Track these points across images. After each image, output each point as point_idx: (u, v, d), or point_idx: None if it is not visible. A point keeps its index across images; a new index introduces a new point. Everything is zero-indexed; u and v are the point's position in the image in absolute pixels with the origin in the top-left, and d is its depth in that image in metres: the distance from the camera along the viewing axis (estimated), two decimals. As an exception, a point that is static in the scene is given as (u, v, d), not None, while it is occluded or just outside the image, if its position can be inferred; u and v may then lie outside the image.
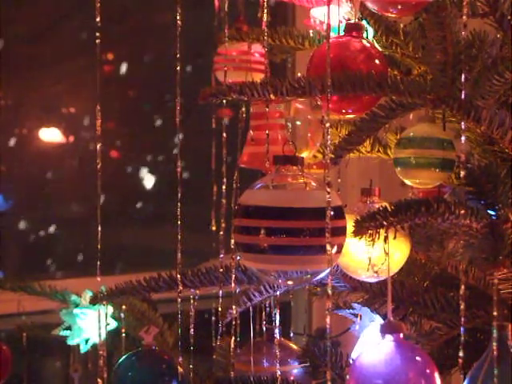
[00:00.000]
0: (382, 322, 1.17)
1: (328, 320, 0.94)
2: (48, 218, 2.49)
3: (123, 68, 2.60)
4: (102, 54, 1.15)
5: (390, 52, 1.28)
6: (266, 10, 1.12)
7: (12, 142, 2.37)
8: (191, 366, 1.32)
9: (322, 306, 1.10)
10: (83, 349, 1.56)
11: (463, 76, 1.06)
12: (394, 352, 1.00)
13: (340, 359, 1.25)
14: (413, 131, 1.15)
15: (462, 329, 1.05)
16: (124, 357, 1.33)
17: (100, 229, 1.19)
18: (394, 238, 1.03)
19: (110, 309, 1.54)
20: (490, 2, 1.19)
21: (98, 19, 1.14)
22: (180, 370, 1.29)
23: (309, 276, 1.01)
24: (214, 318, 1.46)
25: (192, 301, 1.30)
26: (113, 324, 1.55)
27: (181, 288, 1.24)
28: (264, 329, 1.39)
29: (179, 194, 1.20)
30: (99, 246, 1.19)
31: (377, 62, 1.11)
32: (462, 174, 1.06)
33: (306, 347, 1.32)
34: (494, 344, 1.03)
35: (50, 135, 2.45)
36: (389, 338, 1.02)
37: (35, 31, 2.44)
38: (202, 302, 1.33)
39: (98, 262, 1.19)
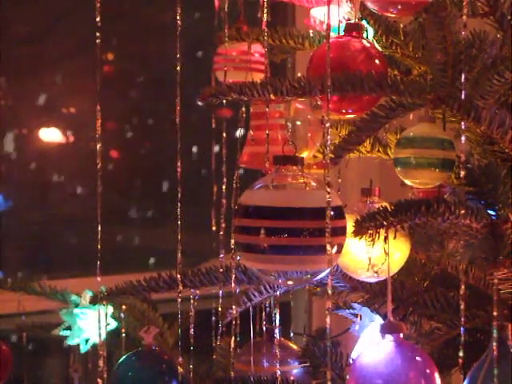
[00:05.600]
0: (381, 321, 1.17)
1: (328, 320, 0.94)
2: (48, 218, 2.49)
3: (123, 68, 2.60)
4: (101, 54, 1.15)
5: (389, 52, 1.28)
6: (266, 10, 1.12)
7: (12, 142, 2.37)
8: (191, 366, 1.32)
9: (321, 306, 1.10)
10: (83, 349, 1.56)
11: (463, 76, 1.06)
12: (394, 352, 1.00)
13: (340, 359, 1.25)
14: (413, 131, 1.15)
15: (462, 329, 1.05)
16: (124, 357, 1.34)
17: (100, 229, 1.19)
18: (394, 238, 1.03)
19: (110, 309, 1.54)
20: (490, 2, 1.19)
21: (98, 19, 1.14)
22: (180, 369, 1.29)
23: (309, 276, 1.01)
24: (214, 318, 1.46)
25: (192, 301, 1.30)
26: (113, 324, 1.55)
27: (181, 288, 1.24)
28: (264, 329, 1.39)
29: (179, 194, 1.20)
30: (99, 246, 1.19)
31: (377, 62, 1.11)
32: (462, 173, 1.06)
33: (306, 347, 1.32)
34: (494, 344, 1.03)
35: (50, 135, 2.45)
36: (389, 338, 1.02)
37: (35, 31, 2.44)
38: (202, 302, 1.33)
39: (98, 262, 1.19)
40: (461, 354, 1.04)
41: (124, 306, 1.53)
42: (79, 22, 2.39)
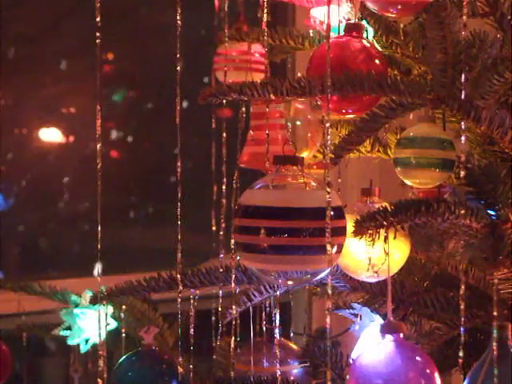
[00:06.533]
0: (381, 321, 1.17)
1: (328, 320, 0.94)
2: (48, 218, 2.49)
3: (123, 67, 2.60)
4: (101, 54, 1.14)
5: (389, 52, 1.28)
6: (266, 10, 1.12)
7: (12, 142, 2.37)
8: (191, 366, 1.32)
9: (321, 306, 1.11)
10: (83, 349, 1.56)
11: (463, 76, 1.06)
12: (394, 352, 1.00)
13: (340, 359, 1.25)
14: (413, 131, 1.15)
15: (462, 329, 1.05)
16: (124, 357, 1.33)
17: (100, 229, 1.19)
18: (394, 238, 1.03)
19: (110, 309, 1.54)
20: (490, 2, 1.19)
21: (98, 19, 1.14)
22: (180, 369, 1.29)
23: (309, 276, 1.01)
24: (214, 318, 1.46)
25: (192, 301, 1.30)
26: (113, 324, 1.55)
27: (181, 288, 1.24)
28: (264, 329, 1.39)
29: (179, 194, 1.20)
30: (99, 246, 1.19)
31: (377, 62, 1.11)
32: (462, 174, 1.06)
33: (306, 347, 1.32)
34: (494, 344, 1.03)
35: (50, 135, 2.45)
36: (389, 338, 1.02)
37: (35, 31, 2.44)
38: (202, 302, 1.33)
39: (98, 262, 1.19)
40: (461, 354, 1.04)
41: (124, 306, 1.53)
42: (79, 22, 2.39)
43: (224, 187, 1.39)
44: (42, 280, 1.63)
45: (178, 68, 1.19)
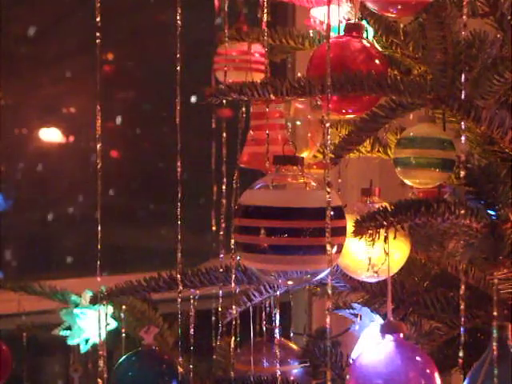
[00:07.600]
0: (381, 321, 1.17)
1: (328, 320, 0.94)
2: (48, 218, 2.49)
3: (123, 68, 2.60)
4: (101, 54, 1.15)
5: (389, 52, 1.28)
6: (266, 10, 1.12)
7: (12, 142, 2.37)
8: (191, 366, 1.32)
9: (321, 306, 1.11)
10: (83, 349, 1.56)
11: (463, 76, 1.06)
12: (394, 352, 1.00)
13: (340, 359, 1.25)
14: (413, 131, 1.15)
15: (462, 329, 1.05)
16: (124, 357, 1.34)
17: (100, 229, 1.19)
18: (394, 238, 1.03)
19: (110, 309, 1.54)
20: (490, 2, 1.19)
21: (98, 19, 1.14)
22: (180, 369, 1.29)
23: (309, 276, 1.01)
24: (214, 318, 1.46)
25: (192, 301, 1.30)
26: (113, 324, 1.55)
27: (181, 288, 1.24)
28: (264, 329, 1.39)
29: (179, 194, 1.20)
30: (99, 246, 1.19)
31: (377, 62, 1.11)
32: (462, 174, 1.06)
33: (306, 347, 1.32)
34: (494, 344, 1.03)
35: (50, 135, 2.45)
36: (389, 338, 1.02)
37: (35, 31, 2.44)
38: (202, 302, 1.33)
39: (98, 262, 1.19)
40: (461, 354, 1.04)
41: (124, 306, 1.53)
42: (79, 22, 2.39)
43: (224, 187, 1.39)
44: (41, 280, 1.63)
45: (178, 68, 1.19)
